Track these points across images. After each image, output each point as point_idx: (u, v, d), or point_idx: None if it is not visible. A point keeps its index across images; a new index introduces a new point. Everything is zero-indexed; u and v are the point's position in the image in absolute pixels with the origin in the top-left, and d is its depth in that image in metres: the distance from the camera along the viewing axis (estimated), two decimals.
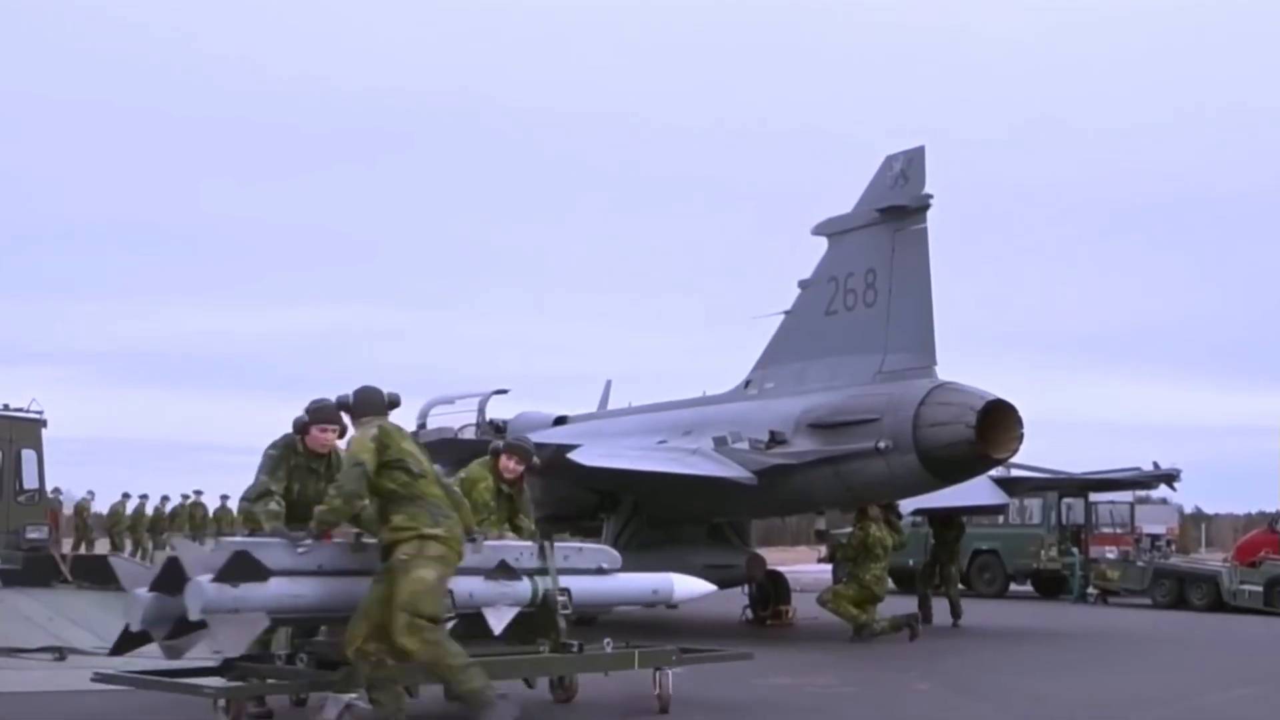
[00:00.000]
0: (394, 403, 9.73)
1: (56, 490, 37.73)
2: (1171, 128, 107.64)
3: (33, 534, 18.59)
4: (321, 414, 9.99)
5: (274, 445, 10.10)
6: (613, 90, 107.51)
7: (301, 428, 10.05)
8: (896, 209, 18.08)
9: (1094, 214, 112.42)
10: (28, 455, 19.22)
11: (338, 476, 9.42)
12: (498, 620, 9.88)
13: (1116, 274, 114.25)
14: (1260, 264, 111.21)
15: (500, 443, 12.12)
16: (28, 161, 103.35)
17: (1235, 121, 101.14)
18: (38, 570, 17.06)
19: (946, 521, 23.43)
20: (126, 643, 9.03)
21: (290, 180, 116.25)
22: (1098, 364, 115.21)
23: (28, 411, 19.36)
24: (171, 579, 8.63)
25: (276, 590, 8.78)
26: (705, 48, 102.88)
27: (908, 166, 18.16)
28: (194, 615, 8.44)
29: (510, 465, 11.48)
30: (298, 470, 10.08)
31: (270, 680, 9.40)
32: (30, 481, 19.24)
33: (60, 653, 12.21)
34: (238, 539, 9.32)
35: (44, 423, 19.46)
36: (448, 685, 9.34)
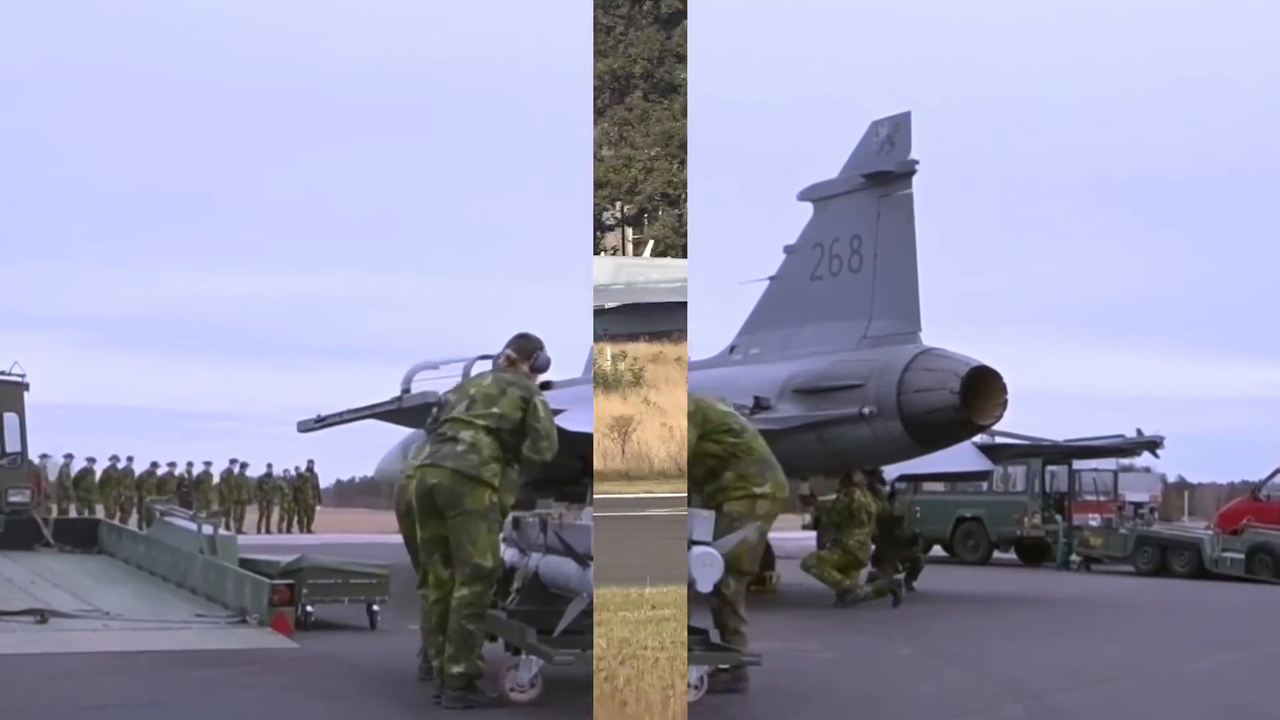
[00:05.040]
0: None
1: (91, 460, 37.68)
2: (1163, 100, 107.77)
3: (14, 497, 18.46)
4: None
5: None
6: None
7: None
8: (882, 174, 18.02)
9: (1084, 186, 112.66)
10: (9, 418, 19.03)
11: None
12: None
13: (1105, 246, 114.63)
14: (1247, 238, 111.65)
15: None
16: (21, 124, 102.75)
17: (1229, 94, 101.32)
18: (19, 533, 17.02)
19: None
20: None
21: (292, 151, 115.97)
22: (1082, 335, 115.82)
23: (9, 374, 19.15)
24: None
25: None
26: (697, 15, 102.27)
27: (894, 132, 18.08)
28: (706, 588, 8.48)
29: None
30: None
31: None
32: (12, 445, 19.05)
33: (42, 615, 12.17)
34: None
35: (26, 386, 19.24)
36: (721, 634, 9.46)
